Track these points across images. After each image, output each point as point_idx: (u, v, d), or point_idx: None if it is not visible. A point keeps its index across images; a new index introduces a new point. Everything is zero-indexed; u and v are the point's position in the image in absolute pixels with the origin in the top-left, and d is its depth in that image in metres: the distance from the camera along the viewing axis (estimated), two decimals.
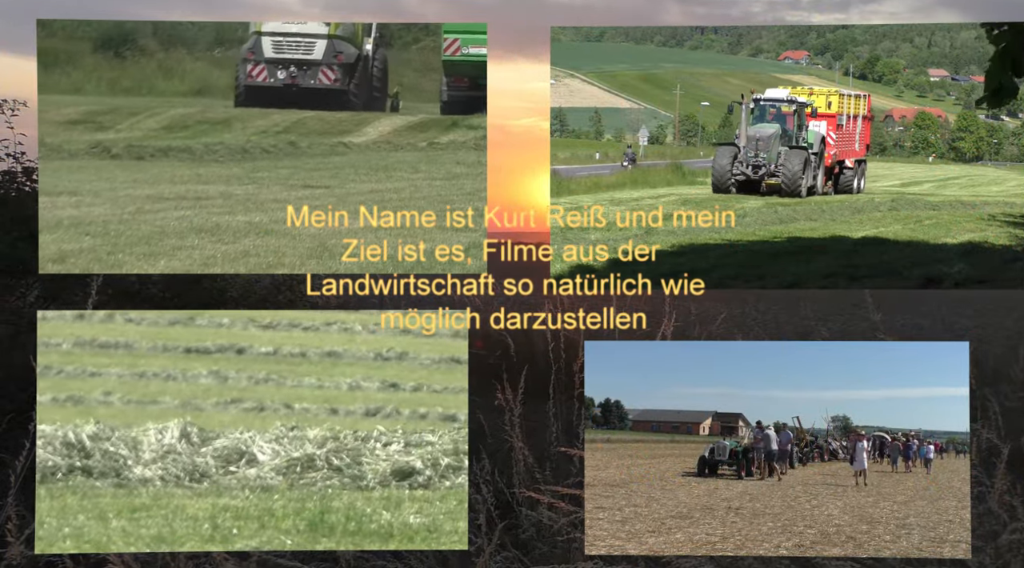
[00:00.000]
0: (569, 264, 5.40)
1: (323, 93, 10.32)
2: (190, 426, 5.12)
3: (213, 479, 4.88)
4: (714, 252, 6.07)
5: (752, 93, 10.85)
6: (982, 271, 6.07)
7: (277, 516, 4.63)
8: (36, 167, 8.11)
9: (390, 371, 6.24)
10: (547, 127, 5.70)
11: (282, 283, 8.99)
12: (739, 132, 10.56)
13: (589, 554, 4.56)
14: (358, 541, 4.54)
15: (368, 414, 5.65)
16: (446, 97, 9.31)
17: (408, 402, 5.79)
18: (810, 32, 12.93)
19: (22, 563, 4.47)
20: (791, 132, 10.55)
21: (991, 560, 4.61)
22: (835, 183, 10.48)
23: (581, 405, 5.25)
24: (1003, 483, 4.77)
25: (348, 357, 6.44)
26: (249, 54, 10.27)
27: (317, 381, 6.12)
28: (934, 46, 12.80)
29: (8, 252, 7.46)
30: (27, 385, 5.05)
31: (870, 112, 10.96)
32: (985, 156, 10.72)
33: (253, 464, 4.97)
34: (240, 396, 5.74)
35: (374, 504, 4.73)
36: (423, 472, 4.91)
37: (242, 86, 10.27)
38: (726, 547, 4.40)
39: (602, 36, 13.46)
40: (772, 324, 10.53)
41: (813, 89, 10.73)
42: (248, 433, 5.14)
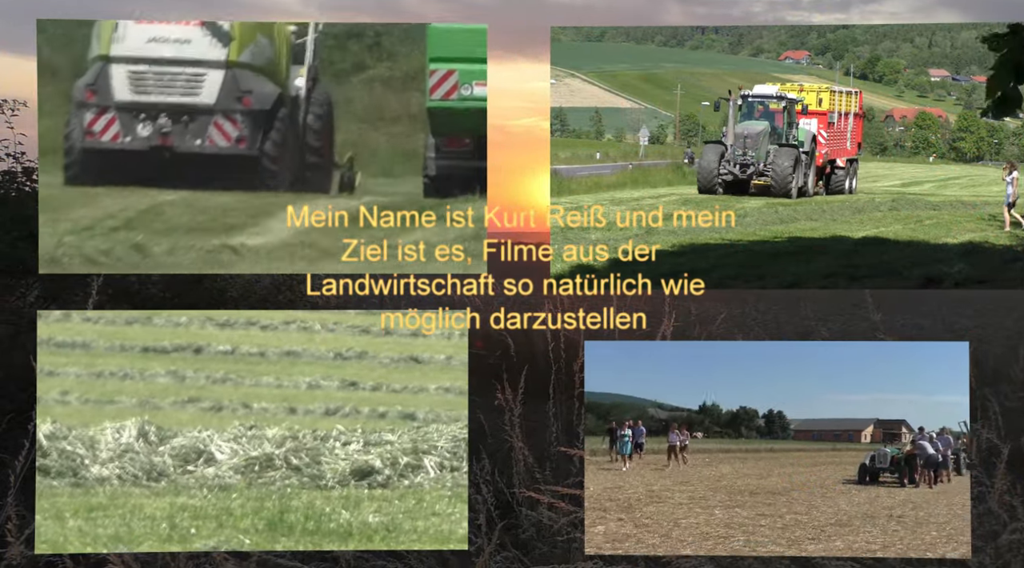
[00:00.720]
0: (569, 264, 5.40)
1: (217, 161, 6.42)
2: (148, 425, 5.08)
3: (171, 478, 4.85)
4: (714, 252, 6.08)
5: (740, 89, 10.60)
6: (982, 271, 6.08)
7: (235, 515, 4.61)
8: (36, 167, 8.12)
9: (349, 370, 6.19)
10: (547, 127, 5.71)
11: (282, 283, 8.99)
12: (726, 130, 10.30)
13: (590, 554, 4.56)
14: (317, 540, 4.52)
15: (327, 413, 5.61)
16: (432, 169, 6.24)
17: (367, 401, 5.76)
18: (811, 32, 12.95)
19: (22, 563, 4.46)
20: (781, 130, 10.26)
21: (991, 560, 4.61)
22: (826, 183, 10.21)
23: (581, 405, 5.25)
24: (1003, 483, 4.76)
25: (307, 356, 6.31)
26: (88, 94, 6.41)
27: (276, 380, 6.02)
28: (935, 46, 12.79)
29: (8, 252, 7.47)
30: (27, 385, 5.05)
31: (862, 109, 10.83)
32: (986, 156, 10.71)
33: (211, 463, 4.93)
34: (198, 395, 5.69)
35: (333, 503, 4.72)
36: (382, 471, 4.90)
37: (76, 148, 6.36)
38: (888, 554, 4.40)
39: (603, 36, 13.45)
40: (772, 324, 10.50)
41: (803, 85, 10.54)
42: (206, 432, 5.09)
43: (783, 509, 4.84)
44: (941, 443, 5.04)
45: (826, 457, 5.56)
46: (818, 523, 4.66)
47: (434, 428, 5.15)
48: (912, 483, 5.15)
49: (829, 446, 5.59)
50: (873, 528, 4.60)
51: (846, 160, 10.34)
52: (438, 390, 5.36)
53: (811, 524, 4.64)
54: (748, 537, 4.50)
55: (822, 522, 4.67)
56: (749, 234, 6.88)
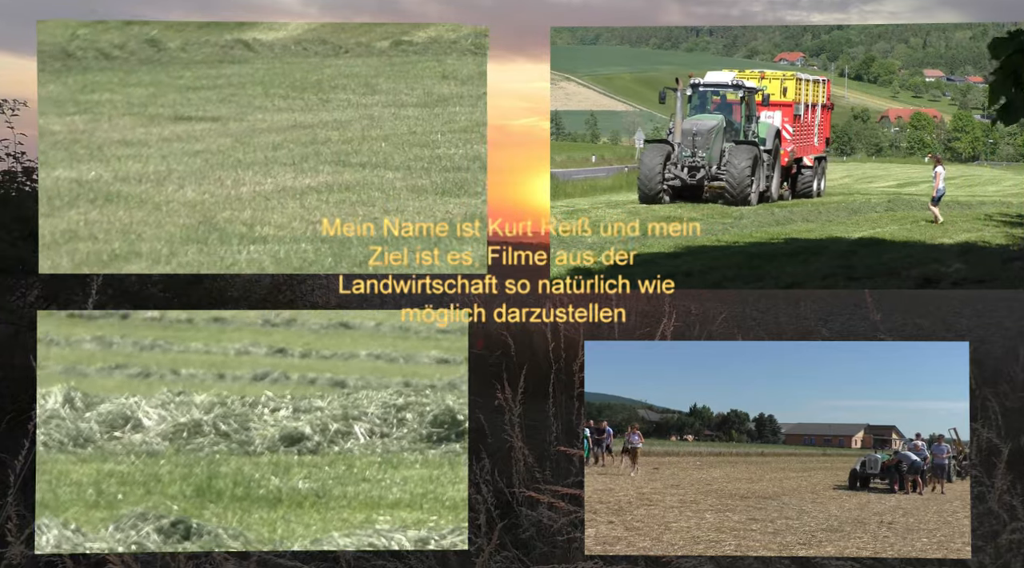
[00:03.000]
0: (568, 266, 5.41)
1: None
2: (73, 391, 5.06)
3: (98, 444, 4.83)
4: (711, 254, 6.09)
5: (690, 77, 9.27)
6: (979, 271, 6.09)
7: (163, 481, 4.59)
8: (36, 167, 8.10)
9: (277, 337, 6.13)
10: (547, 127, 5.70)
11: (282, 283, 8.98)
12: (672, 125, 8.87)
13: (590, 554, 4.56)
14: (246, 506, 4.46)
15: (256, 379, 5.57)
16: None
17: (296, 367, 5.71)
18: (805, 33, 12.95)
19: (22, 563, 4.45)
20: (738, 125, 8.91)
21: (991, 560, 4.62)
22: (792, 185, 8.94)
23: (581, 405, 5.25)
24: (1003, 483, 4.77)
25: (235, 322, 6.22)
26: None
27: (204, 346, 5.95)
28: (929, 46, 12.80)
29: (8, 252, 7.45)
30: (27, 385, 5.04)
31: (830, 100, 9.69)
32: (981, 156, 10.69)
33: (139, 429, 4.92)
34: (125, 362, 5.65)
35: (262, 469, 4.69)
36: (312, 438, 4.88)
37: None
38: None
39: (598, 39, 13.45)
40: (772, 324, 10.45)
41: (765, 72, 9.28)
42: (133, 398, 5.07)
43: (774, 514, 4.85)
44: (935, 450, 5.05)
45: (817, 462, 5.57)
46: (809, 528, 4.66)
47: (364, 394, 5.11)
48: (902, 489, 5.15)
49: (820, 451, 5.60)
50: (864, 534, 4.60)
51: (814, 158, 9.15)
52: (368, 356, 5.33)
53: (802, 529, 4.64)
54: (739, 541, 4.49)
55: (813, 527, 4.68)
56: (746, 236, 6.87)
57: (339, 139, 6.07)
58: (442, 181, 5.19)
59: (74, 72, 6.24)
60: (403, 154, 5.65)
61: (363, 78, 6.51)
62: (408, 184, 5.27)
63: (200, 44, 5.91)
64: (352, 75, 6.59)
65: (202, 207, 5.05)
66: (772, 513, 4.84)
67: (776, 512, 4.87)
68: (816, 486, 5.41)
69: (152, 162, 5.74)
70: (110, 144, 5.93)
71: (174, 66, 6.40)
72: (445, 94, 6.42)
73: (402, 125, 6.19)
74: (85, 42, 5.64)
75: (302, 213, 4.94)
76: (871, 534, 4.60)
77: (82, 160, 5.62)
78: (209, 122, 6.27)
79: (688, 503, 4.90)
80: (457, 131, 5.79)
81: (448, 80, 6.45)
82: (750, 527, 4.63)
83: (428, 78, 6.50)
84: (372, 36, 6.21)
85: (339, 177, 5.34)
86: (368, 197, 5.11)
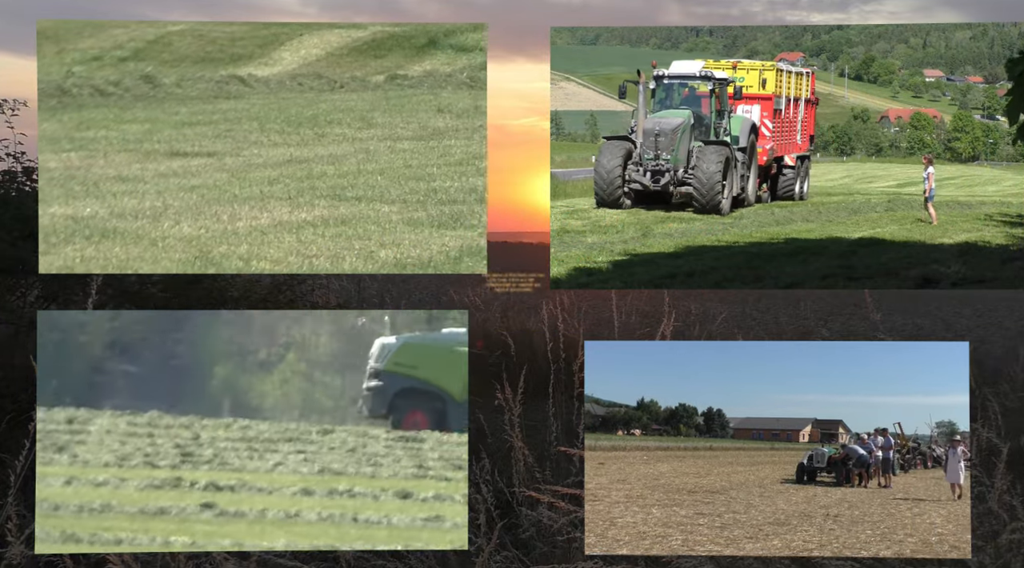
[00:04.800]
0: (568, 265, 5.41)
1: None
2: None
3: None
4: (712, 254, 6.09)
5: (653, 66, 8.35)
6: (979, 271, 6.09)
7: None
8: (36, 167, 8.09)
9: None
10: (547, 127, 5.70)
11: (283, 283, 8.98)
12: (634, 122, 7.96)
13: (589, 554, 4.56)
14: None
15: None
16: None
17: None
18: (805, 33, 12.95)
19: (22, 563, 4.46)
20: (708, 120, 7.97)
21: (991, 560, 4.62)
22: (772, 186, 8.16)
23: (581, 405, 5.25)
24: (1003, 483, 4.77)
25: None
26: None
27: None
28: (929, 46, 12.80)
29: (8, 252, 7.45)
30: (27, 385, 5.04)
31: (814, 94, 8.90)
32: (981, 156, 10.68)
33: None
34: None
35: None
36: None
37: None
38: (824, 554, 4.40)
39: (597, 39, 13.45)
40: (772, 324, 10.46)
41: (739, 62, 8.33)
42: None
43: (721, 508, 4.85)
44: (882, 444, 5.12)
45: (765, 456, 5.59)
46: (756, 522, 4.67)
47: None
48: (848, 483, 5.21)
49: (768, 445, 5.62)
50: (810, 527, 4.62)
51: (796, 157, 8.35)
52: None
53: (749, 523, 4.65)
54: (686, 536, 4.48)
55: (760, 521, 4.69)
56: (746, 236, 6.85)
57: (335, 173, 6.04)
58: (438, 214, 5.21)
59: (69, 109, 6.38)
60: (399, 188, 5.63)
61: (359, 112, 6.56)
62: (404, 217, 5.26)
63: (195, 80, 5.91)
64: (347, 109, 6.65)
65: (198, 242, 5.06)
66: (720, 508, 4.85)
67: (724, 506, 4.88)
68: (764, 480, 5.43)
69: (148, 198, 5.74)
70: (106, 180, 5.95)
71: (170, 102, 6.42)
72: (441, 127, 6.41)
73: (398, 158, 6.17)
74: (81, 79, 5.66)
75: (298, 247, 4.95)
76: (817, 527, 4.62)
77: (78, 197, 5.65)
78: (205, 157, 6.31)
79: (635, 498, 4.86)
80: (453, 164, 5.78)
81: (443, 113, 6.46)
82: (697, 521, 4.63)
83: (424, 111, 6.48)
84: (367, 70, 6.31)
85: (335, 211, 5.36)
86: (364, 231, 5.11)
